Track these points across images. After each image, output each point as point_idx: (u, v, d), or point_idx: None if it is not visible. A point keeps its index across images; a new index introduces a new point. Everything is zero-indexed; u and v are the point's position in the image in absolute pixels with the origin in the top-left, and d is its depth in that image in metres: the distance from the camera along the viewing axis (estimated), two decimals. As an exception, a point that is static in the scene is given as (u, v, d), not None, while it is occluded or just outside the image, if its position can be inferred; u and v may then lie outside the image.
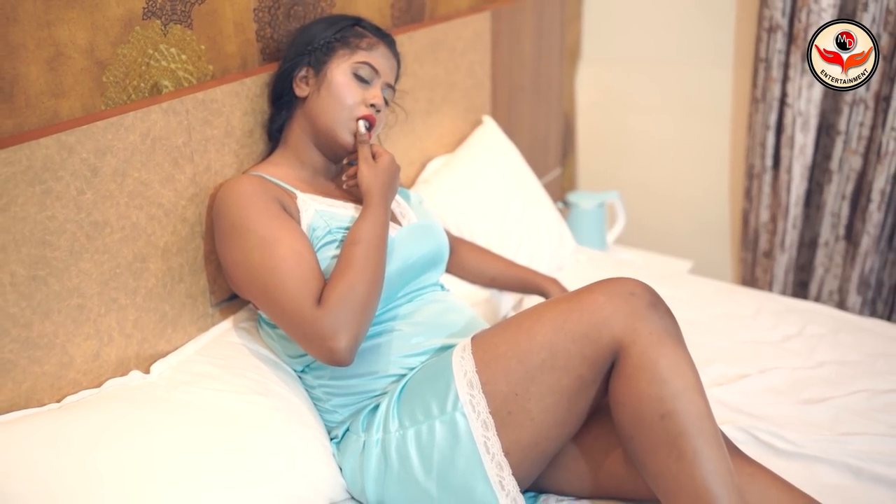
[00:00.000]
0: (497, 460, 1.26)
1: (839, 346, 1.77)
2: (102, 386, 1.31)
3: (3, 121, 1.19)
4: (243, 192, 1.35)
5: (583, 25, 2.80)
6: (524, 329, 1.26)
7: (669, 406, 1.15)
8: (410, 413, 1.30)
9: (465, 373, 1.27)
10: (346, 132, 1.44)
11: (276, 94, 1.53)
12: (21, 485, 1.08)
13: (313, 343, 1.25)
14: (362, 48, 1.45)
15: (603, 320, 1.21)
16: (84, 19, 1.27)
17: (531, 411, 1.25)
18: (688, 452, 1.14)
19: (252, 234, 1.31)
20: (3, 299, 1.18)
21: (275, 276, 1.28)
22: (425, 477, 1.28)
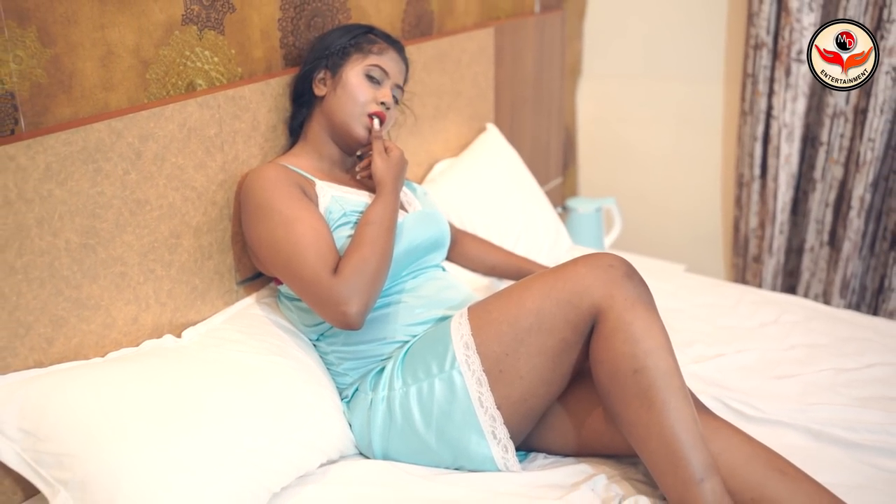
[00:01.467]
0: (490, 413, 1.41)
1: (812, 331, 1.91)
2: (140, 346, 1.48)
3: (62, 108, 1.38)
4: (268, 177, 1.53)
5: (583, 44, 2.98)
6: (514, 297, 1.43)
7: (641, 362, 1.30)
8: (413, 372, 1.46)
9: (461, 336, 1.43)
10: (360, 127, 1.62)
11: (296, 93, 1.71)
12: (70, 420, 1.25)
13: (328, 308, 1.42)
14: (374, 52, 1.63)
15: (584, 288, 1.36)
16: (132, 23, 1.45)
17: (520, 370, 1.40)
18: (657, 403, 1.29)
19: (276, 213, 1.48)
20: (59, 263, 1.35)
21: (296, 249, 1.45)
22: (426, 429, 1.44)
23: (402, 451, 1.48)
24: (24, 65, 1.31)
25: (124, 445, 1.24)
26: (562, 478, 1.44)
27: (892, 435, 1.52)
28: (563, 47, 2.73)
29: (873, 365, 1.77)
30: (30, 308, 1.32)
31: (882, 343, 1.86)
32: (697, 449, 1.27)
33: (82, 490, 1.22)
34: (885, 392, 1.67)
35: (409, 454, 1.48)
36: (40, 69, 1.34)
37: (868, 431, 1.54)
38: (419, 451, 1.47)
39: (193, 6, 1.55)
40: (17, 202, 1.28)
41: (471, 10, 2.34)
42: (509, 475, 1.44)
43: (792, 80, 2.51)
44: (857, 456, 1.48)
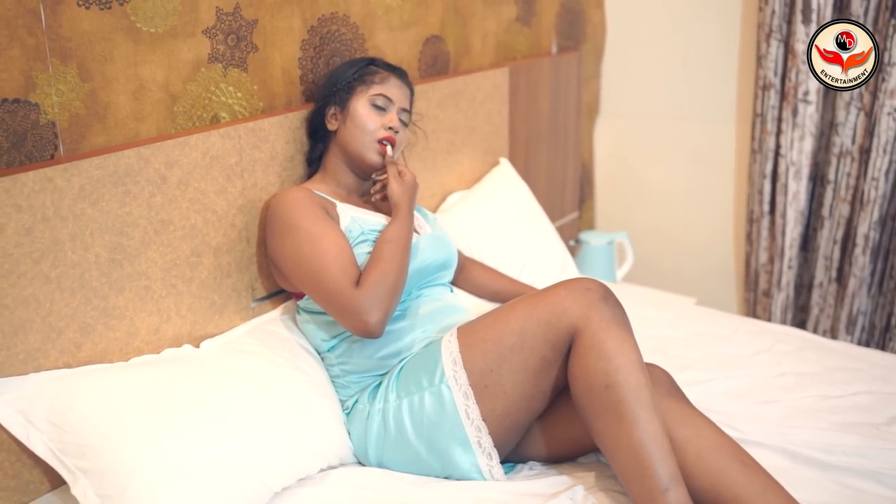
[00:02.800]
0: (476, 424, 1.52)
1: (803, 360, 1.98)
2: (161, 353, 1.62)
3: (97, 136, 1.54)
4: (294, 197, 1.66)
5: (601, 84, 3.10)
6: (500, 318, 1.54)
7: (613, 378, 1.40)
8: (406, 386, 1.57)
9: (450, 353, 1.54)
10: (373, 154, 1.74)
11: (312, 129, 1.85)
12: (92, 415, 1.38)
13: (351, 317, 1.54)
14: (376, 82, 1.76)
15: (563, 310, 1.47)
16: (162, 61, 1.62)
17: (504, 385, 1.51)
18: (626, 416, 1.38)
19: (302, 231, 1.61)
20: (89, 275, 1.50)
21: (321, 263, 1.57)
22: (417, 439, 1.55)
23: (396, 459, 1.59)
24: (65, 97, 1.48)
25: (139, 440, 1.37)
26: (544, 487, 1.53)
27: (867, 458, 1.58)
28: (578, 86, 2.85)
29: (858, 393, 1.83)
30: (61, 315, 1.47)
31: (871, 373, 1.92)
32: (664, 460, 1.36)
33: (100, 478, 1.35)
34: (866, 418, 1.73)
35: (402, 463, 1.59)
36: (79, 101, 1.50)
37: (844, 454, 1.60)
38: (411, 460, 1.57)
39: (219, 46, 1.71)
40: (54, 219, 1.43)
41: (487, 51, 2.48)
42: (494, 484, 1.54)
43: (799, 119, 2.59)
44: (830, 476, 1.54)
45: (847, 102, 2.54)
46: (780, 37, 2.57)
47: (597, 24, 3.01)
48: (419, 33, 2.21)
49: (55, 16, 1.44)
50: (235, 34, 1.74)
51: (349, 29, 1.99)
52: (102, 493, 1.35)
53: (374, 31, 2.07)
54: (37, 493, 1.49)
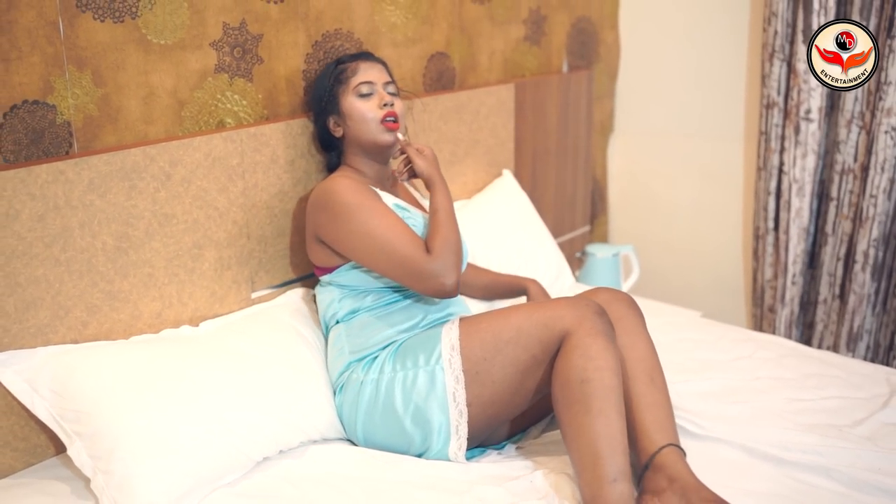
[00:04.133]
0: (460, 408, 1.63)
1: (781, 367, 2.03)
2: (159, 333, 1.77)
3: (109, 136, 1.71)
4: (349, 183, 1.77)
5: (615, 102, 3.19)
6: (502, 315, 1.67)
7: (590, 375, 1.51)
8: (402, 361, 1.69)
9: (450, 338, 1.67)
10: (383, 135, 1.84)
11: (323, 144, 1.98)
12: (88, 384, 1.54)
13: (430, 282, 1.67)
14: (351, 75, 1.87)
15: (559, 316, 1.59)
16: (171, 70, 1.78)
17: (494, 375, 1.63)
18: (593, 409, 1.48)
19: (367, 208, 1.73)
20: (97, 260, 1.66)
21: (394, 236, 1.70)
22: (403, 412, 1.66)
23: (381, 432, 1.70)
24: (80, 101, 1.65)
25: (127, 408, 1.51)
26: (505, 470, 1.63)
27: (823, 456, 1.64)
28: (589, 104, 2.95)
29: (830, 398, 1.88)
30: (69, 295, 1.63)
31: (846, 380, 1.96)
32: (618, 454, 1.45)
33: (92, 441, 1.50)
34: (831, 421, 1.78)
35: (386, 436, 1.69)
36: (93, 104, 1.67)
37: (801, 451, 1.65)
38: (395, 432, 1.68)
39: (226, 58, 1.87)
40: (65, 208, 1.60)
41: (494, 68, 2.61)
42: (461, 465, 1.64)
43: (801, 137, 2.64)
44: (783, 471, 1.60)
45: (848, 121, 2.59)
46: (783, 56, 2.64)
47: (610, 44, 3.10)
48: (424, 49, 2.35)
49: (73, 27, 1.62)
50: (241, 47, 1.90)
51: (353, 44, 2.14)
52: (93, 455, 1.49)
53: (379, 47, 2.21)
54: (43, 456, 1.64)
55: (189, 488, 1.50)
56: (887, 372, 1.99)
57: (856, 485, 1.54)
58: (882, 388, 1.92)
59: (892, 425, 1.76)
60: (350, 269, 1.79)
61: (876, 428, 1.75)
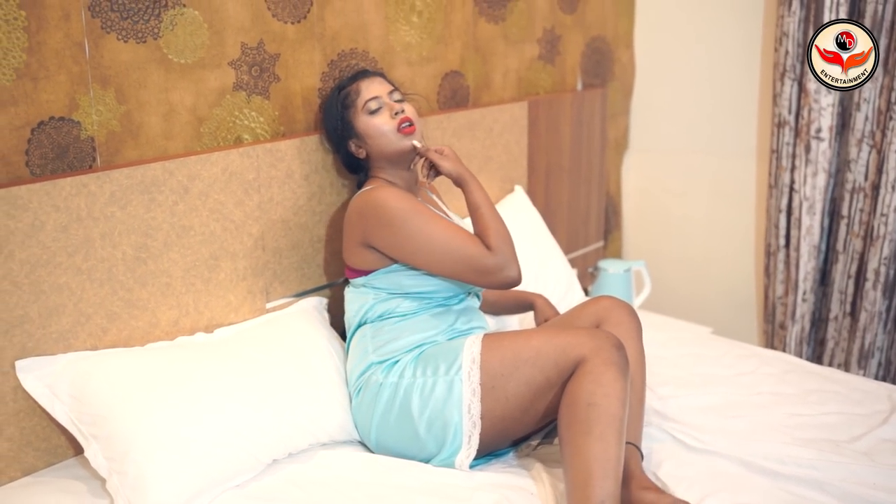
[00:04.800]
0: (473, 420, 1.69)
1: (783, 382, 2.06)
2: (174, 340, 1.84)
3: (131, 151, 1.79)
4: (396, 192, 1.83)
5: (630, 120, 3.24)
6: (524, 335, 1.74)
7: (597, 400, 1.56)
8: (423, 368, 1.74)
9: (471, 352, 1.72)
10: (403, 143, 1.89)
11: (350, 167, 2.04)
12: (105, 389, 1.61)
13: (495, 276, 1.76)
14: (355, 96, 1.93)
15: (578, 343, 1.64)
16: (191, 88, 1.86)
17: (508, 392, 1.68)
18: (595, 432, 1.53)
19: (420, 215, 1.79)
20: (116, 269, 1.74)
21: (453, 237, 1.78)
22: (419, 418, 1.71)
23: (393, 434, 1.75)
24: (103, 117, 1.73)
25: (141, 411, 1.58)
26: (506, 479, 1.67)
27: (818, 470, 1.66)
28: (603, 122, 3.00)
29: (829, 413, 1.90)
30: (90, 302, 1.71)
31: (847, 396, 1.98)
32: (609, 479, 1.49)
33: (107, 443, 1.57)
34: (829, 436, 1.81)
35: (398, 439, 1.74)
36: (115, 121, 1.75)
37: (796, 465, 1.68)
38: (407, 437, 1.73)
39: (244, 76, 1.95)
40: (87, 219, 1.68)
41: (508, 86, 2.67)
42: (465, 473, 1.69)
43: (812, 156, 2.67)
44: (778, 484, 1.63)
45: (859, 140, 2.61)
46: (794, 76, 2.67)
47: (626, 63, 3.15)
48: (438, 68, 2.42)
49: (97, 48, 1.70)
50: (259, 66, 1.97)
51: (368, 63, 2.21)
52: (109, 456, 1.56)
53: (394, 66, 2.28)
54: (63, 456, 1.72)
55: (199, 489, 1.56)
56: (889, 389, 2.01)
57: (849, 499, 1.57)
58: (883, 404, 1.94)
59: (891, 441, 1.78)
60: (387, 272, 1.84)
61: (874, 444, 1.78)
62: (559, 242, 2.86)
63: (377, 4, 2.20)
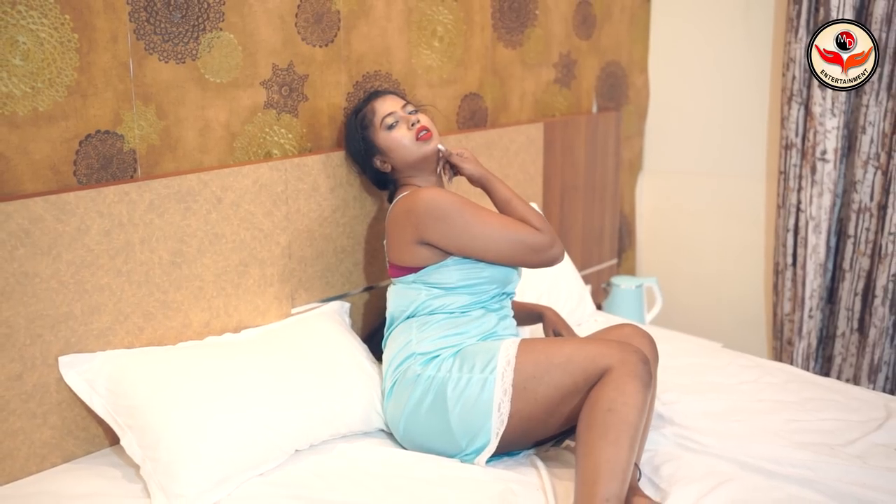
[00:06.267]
0: (502, 418, 1.79)
1: (784, 391, 2.14)
2: (204, 339, 1.96)
3: (168, 163, 1.93)
4: (437, 189, 1.95)
5: (644, 142, 3.35)
6: (559, 342, 1.84)
7: (617, 407, 1.65)
8: (461, 365, 1.84)
9: (507, 354, 1.82)
10: (424, 149, 2.00)
11: (378, 182, 2.16)
12: (139, 383, 1.74)
13: (547, 252, 1.95)
14: (371, 116, 2.05)
15: (607, 353, 1.74)
16: (225, 106, 2.00)
17: (538, 394, 1.78)
18: (610, 436, 1.62)
19: (471, 205, 1.92)
20: (153, 272, 1.87)
21: (504, 221, 1.94)
22: (450, 412, 1.81)
23: (422, 426, 1.84)
24: (145, 131, 1.88)
25: (173, 403, 1.71)
26: (519, 476, 1.76)
27: (811, 470, 1.74)
28: (617, 143, 3.11)
29: (826, 419, 1.98)
30: (129, 302, 1.84)
31: (845, 404, 2.06)
32: (617, 480, 1.58)
33: (142, 433, 1.69)
34: (825, 440, 1.89)
35: (426, 430, 1.84)
36: (155, 135, 1.90)
37: (791, 466, 1.76)
38: (436, 429, 1.82)
39: (274, 96, 2.09)
40: (128, 225, 1.82)
41: (525, 108, 2.79)
42: (481, 469, 1.79)
43: (817, 177, 2.76)
44: (772, 482, 1.71)
45: (864, 161, 2.70)
46: (801, 100, 2.77)
47: (640, 87, 3.27)
48: (458, 90, 2.55)
49: (141, 68, 1.85)
50: (288, 86, 2.11)
51: (391, 84, 2.35)
52: (143, 445, 1.69)
53: (415, 87, 2.42)
54: (101, 446, 1.85)
55: (226, 476, 1.67)
56: (886, 398, 2.09)
57: (839, 497, 1.65)
58: (879, 412, 2.02)
59: (883, 445, 1.86)
60: (438, 267, 1.94)
61: (867, 448, 1.85)
62: (574, 259, 2.97)
63: (400, 30, 2.34)
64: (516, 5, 2.68)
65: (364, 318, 2.33)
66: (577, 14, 2.92)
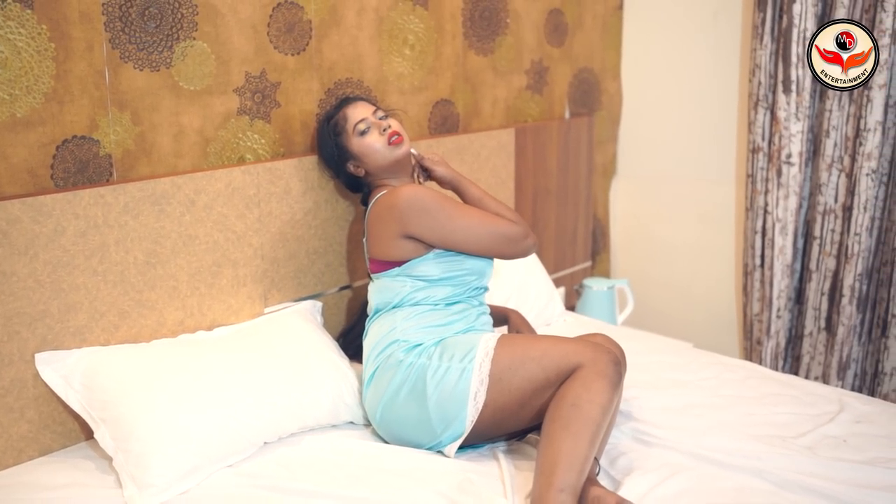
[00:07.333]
0: (477, 406, 1.85)
1: (744, 387, 2.20)
2: (177, 337, 2.03)
3: (144, 167, 2.00)
4: (417, 185, 2.03)
5: (618, 147, 3.42)
6: (536, 338, 1.92)
7: (581, 402, 1.71)
8: (441, 354, 1.90)
9: (486, 346, 1.89)
10: (395, 152, 2.09)
11: (352, 187, 2.24)
12: (112, 377, 1.80)
13: (522, 242, 2.06)
14: (344, 122, 2.13)
15: (580, 351, 1.81)
16: (199, 112, 2.07)
17: (512, 385, 1.84)
18: (571, 429, 1.68)
19: (451, 200, 2.01)
20: (128, 272, 1.94)
21: (482, 214, 2.05)
22: (429, 398, 1.87)
23: (399, 412, 1.90)
24: (120, 137, 1.95)
25: (145, 396, 1.77)
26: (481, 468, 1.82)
27: (761, 460, 1.81)
28: (590, 148, 3.19)
29: (781, 413, 2.05)
30: (104, 301, 1.91)
31: (802, 399, 2.12)
32: (574, 471, 1.63)
33: (114, 425, 1.76)
34: (778, 432, 1.95)
35: (402, 417, 1.89)
36: (131, 140, 1.97)
37: (743, 457, 1.83)
38: (413, 416, 1.88)
39: (247, 102, 2.16)
40: (103, 227, 1.88)
41: (497, 114, 2.87)
42: (444, 459, 1.86)
43: (783, 180, 2.84)
44: (722, 473, 1.77)
45: (829, 164, 2.77)
46: (767, 105, 2.85)
47: (613, 93, 3.35)
48: (429, 97, 2.62)
49: (116, 76, 1.92)
50: (261, 93, 2.19)
51: (362, 91, 2.42)
52: (115, 437, 1.75)
53: (386, 94, 2.49)
54: (77, 440, 1.91)
55: (195, 467, 1.74)
56: (841, 393, 2.15)
57: (786, 485, 1.71)
58: (833, 406, 2.08)
59: (833, 437, 1.92)
60: (422, 261, 2.01)
61: (817, 439, 1.92)
62: (547, 260, 3.05)
63: (371, 38, 2.42)
64: (487, 14, 2.76)
65: (337, 318, 2.40)
66: (548, 22, 3.00)
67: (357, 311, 2.41)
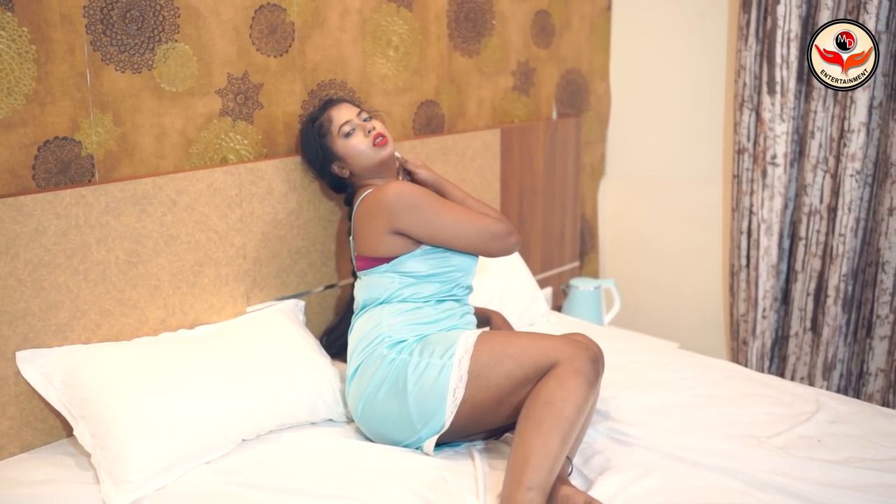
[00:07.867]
0: (456, 402, 1.87)
1: (723, 387, 2.21)
2: (158, 335, 2.05)
3: (126, 168, 2.02)
4: (409, 184, 2.05)
5: (606, 148, 3.44)
6: (515, 335, 1.94)
7: (554, 401, 1.73)
8: (422, 350, 1.92)
9: (466, 343, 1.90)
10: (379, 154, 2.12)
11: (336, 188, 2.26)
12: (92, 375, 1.82)
13: (506, 239, 2.09)
14: (328, 124, 2.15)
15: (559, 349, 1.82)
16: (181, 113, 2.09)
17: (490, 381, 1.86)
18: (543, 428, 1.69)
19: (438, 197, 2.05)
20: (110, 271, 1.96)
21: (468, 212, 2.08)
22: (409, 393, 1.88)
23: (380, 407, 1.91)
24: (102, 138, 1.97)
25: (124, 394, 1.79)
26: (455, 466, 1.84)
27: (735, 460, 1.82)
28: (577, 149, 3.20)
29: (758, 413, 2.06)
30: (86, 300, 1.93)
31: (779, 399, 2.14)
32: (544, 470, 1.64)
33: (93, 422, 1.78)
34: (754, 432, 1.96)
35: (383, 412, 1.91)
36: (112, 141, 1.99)
37: (717, 456, 1.84)
38: (393, 412, 1.90)
39: (229, 104, 2.18)
40: (84, 226, 1.91)
41: (483, 115, 2.88)
42: (421, 457, 1.88)
43: (768, 180, 2.85)
44: (695, 472, 1.78)
45: (814, 165, 2.79)
46: (752, 106, 2.86)
47: (601, 94, 3.36)
48: (414, 98, 2.64)
49: (98, 77, 1.94)
50: (244, 94, 2.21)
51: (346, 92, 2.44)
52: (94, 434, 1.77)
53: (370, 95, 2.51)
54: (58, 436, 1.93)
55: (172, 463, 1.76)
56: (818, 393, 2.17)
57: (757, 485, 1.73)
58: (810, 406, 2.10)
59: (807, 437, 1.94)
60: (410, 257, 2.03)
61: (792, 439, 1.93)
62: (534, 261, 3.06)
63: (355, 40, 2.44)
64: (472, 16, 2.78)
65: (320, 317, 2.42)
66: (534, 24, 3.02)
67: (341, 310, 2.43)
